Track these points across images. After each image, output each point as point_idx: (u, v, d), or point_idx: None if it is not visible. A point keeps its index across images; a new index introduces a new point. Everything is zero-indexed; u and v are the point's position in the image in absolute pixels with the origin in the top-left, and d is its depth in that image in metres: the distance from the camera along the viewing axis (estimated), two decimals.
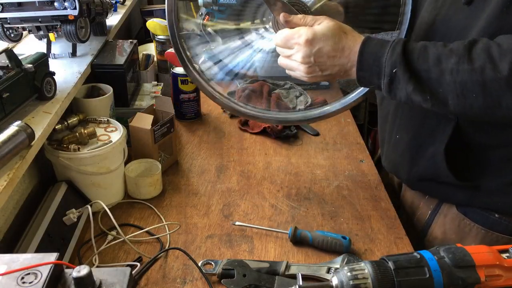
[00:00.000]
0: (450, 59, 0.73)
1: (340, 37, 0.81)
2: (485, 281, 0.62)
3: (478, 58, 0.71)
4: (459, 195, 0.93)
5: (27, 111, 0.96)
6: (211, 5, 1.35)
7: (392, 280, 0.61)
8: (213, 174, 1.19)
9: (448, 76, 0.72)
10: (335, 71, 0.83)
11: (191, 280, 0.86)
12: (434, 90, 0.74)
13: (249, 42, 1.05)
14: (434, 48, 0.75)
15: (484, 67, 0.70)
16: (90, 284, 0.52)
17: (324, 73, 0.84)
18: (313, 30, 0.82)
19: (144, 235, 0.98)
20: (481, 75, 0.70)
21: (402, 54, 0.75)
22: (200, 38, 1.60)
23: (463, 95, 0.72)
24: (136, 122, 1.11)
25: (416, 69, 0.75)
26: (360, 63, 0.80)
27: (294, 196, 1.12)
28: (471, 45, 0.73)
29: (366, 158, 1.27)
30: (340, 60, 0.81)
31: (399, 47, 0.76)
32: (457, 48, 0.74)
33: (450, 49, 0.74)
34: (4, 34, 1.14)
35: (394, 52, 0.76)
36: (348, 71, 0.82)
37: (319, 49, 0.81)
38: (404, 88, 0.76)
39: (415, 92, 0.75)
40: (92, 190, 1.01)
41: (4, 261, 0.54)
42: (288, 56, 0.86)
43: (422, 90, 0.75)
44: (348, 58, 0.81)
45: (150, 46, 1.75)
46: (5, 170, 0.79)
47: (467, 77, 0.71)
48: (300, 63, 0.84)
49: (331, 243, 0.93)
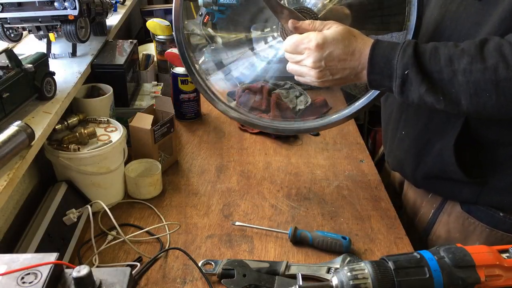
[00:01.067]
0: (462, 59, 0.73)
1: (350, 41, 0.81)
2: (485, 281, 0.62)
3: (490, 57, 0.71)
4: (465, 192, 0.93)
5: (27, 111, 0.96)
6: (211, 5, 1.35)
7: (392, 280, 0.61)
8: (213, 174, 1.19)
9: (461, 76, 0.73)
10: (346, 74, 0.83)
11: (191, 280, 0.86)
12: (447, 90, 0.75)
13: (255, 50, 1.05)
14: (445, 49, 0.75)
15: (497, 66, 0.70)
16: (90, 284, 0.52)
17: (335, 77, 0.84)
18: (323, 34, 0.82)
19: (144, 235, 0.98)
20: (494, 74, 0.70)
21: (413, 55, 0.75)
22: (200, 38, 1.60)
23: (476, 95, 0.73)
24: (136, 122, 1.11)
25: (429, 70, 0.75)
26: (371, 66, 0.79)
27: (294, 196, 1.12)
28: (482, 44, 0.73)
29: (366, 158, 1.27)
30: (350, 63, 0.81)
31: (410, 49, 0.76)
32: (469, 47, 0.74)
33: (462, 49, 0.74)
34: (4, 34, 1.14)
35: (405, 54, 0.76)
36: (358, 73, 0.82)
37: (329, 53, 0.81)
38: (417, 90, 0.76)
39: (428, 93, 0.75)
40: (92, 190, 1.01)
41: (4, 261, 0.54)
42: (298, 62, 0.86)
43: (435, 91, 0.75)
44: (359, 61, 0.81)
45: (150, 46, 1.75)
46: (5, 170, 0.79)
47: (480, 77, 0.71)
48: (311, 68, 0.84)
49: (331, 243, 0.93)
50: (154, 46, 1.65)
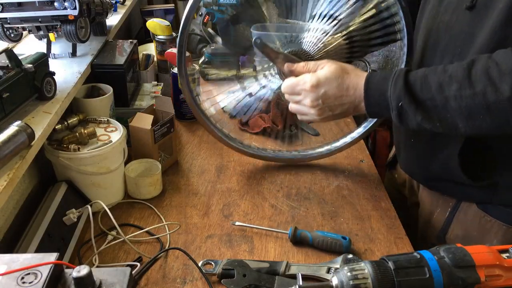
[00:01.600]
0: (451, 85, 0.74)
1: (343, 78, 0.86)
2: (485, 281, 0.62)
3: (478, 82, 0.72)
4: (477, 194, 0.93)
5: (27, 111, 0.96)
6: (211, 5, 1.35)
7: (392, 280, 0.61)
8: (213, 174, 1.19)
9: (453, 102, 0.74)
10: (345, 109, 0.87)
11: (191, 280, 0.86)
12: (442, 116, 0.76)
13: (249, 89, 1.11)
14: (434, 76, 0.76)
15: (485, 91, 0.71)
16: (90, 284, 0.52)
17: (335, 113, 0.89)
18: (316, 75, 0.87)
19: (144, 235, 0.98)
20: (484, 98, 0.71)
21: (404, 86, 0.78)
22: (200, 38, 1.60)
23: (471, 118, 0.74)
24: (136, 122, 1.11)
25: (421, 99, 0.77)
26: (367, 100, 0.83)
27: (294, 196, 1.12)
28: (470, 68, 0.73)
29: (366, 158, 1.27)
30: (347, 98, 0.86)
31: (401, 80, 0.78)
32: (456, 73, 0.74)
33: (450, 75, 0.75)
34: (4, 34, 1.14)
35: (396, 86, 0.78)
36: (357, 106, 0.86)
37: (325, 91, 0.86)
38: (414, 119, 0.78)
39: (424, 121, 0.77)
40: (92, 190, 1.01)
41: (4, 261, 0.54)
42: (298, 102, 0.91)
43: (430, 118, 0.77)
44: (355, 96, 0.85)
45: (150, 46, 1.75)
46: (5, 170, 0.79)
47: (470, 102, 0.72)
48: (310, 107, 0.89)
49: (331, 243, 0.93)
50: (154, 46, 1.65)
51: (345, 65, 0.88)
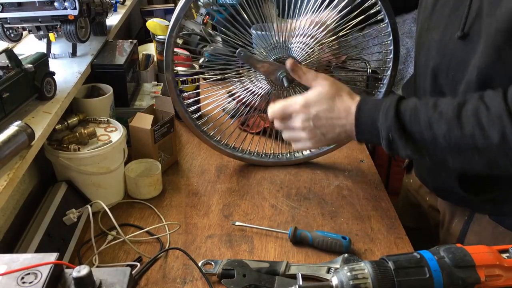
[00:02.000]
0: (441, 124, 0.73)
1: (334, 101, 0.84)
2: (485, 281, 0.62)
3: (467, 123, 0.71)
4: (486, 207, 0.93)
5: (27, 111, 0.96)
6: (211, 5, 1.35)
7: (392, 280, 0.61)
8: (213, 174, 1.19)
9: (442, 140, 0.73)
10: (336, 133, 0.85)
11: (191, 280, 0.86)
12: (431, 150, 0.76)
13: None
14: (425, 111, 0.75)
15: (474, 134, 0.70)
16: (90, 284, 0.52)
17: (327, 137, 0.87)
18: (306, 96, 0.86)
19: (144, 235, 0.98)
20: (472, 140, 0.71)
21: (394, 117, 0.77)
22: (200, 38, 1.60)
23: (460, 155, 0.74)
24: (136, 122, 1.11)
25: (411, 132, 0.76)
26: (357, 128, 0.82)
27: (294, 196, 1.12)
28: (460, 108, 0.73)
29: (366, 158, 1.27)
30: (338, 121, 0.84)
31: (392, 111, 0.77)
32: (447, 110, 0.74)
33: (440, 113, 0.74)
34: (4, 34, 1.14)
35: (387, 117, 0.77)
36: (348, 132, 0.84)
37: (316, 113, 0.85)
38: (403, 150, 0.78)
39: (413, 153, 0.77)
40: (92, 190, 1.01)
41: (4, 261, 0.54)
42: (289, 127, 0.90)
43: (419, 151, 0.77)
44: (346, 120, 0.83)
45: (150, 46, 1.75)
46: (5, 170, 0.79)
47: (459, 141, 0.72)
48: (301, 130, 0.87)
49: (331, 243, 0.93)
50: (154, 46, 1.65)
51: (339, 86, 0.86)
